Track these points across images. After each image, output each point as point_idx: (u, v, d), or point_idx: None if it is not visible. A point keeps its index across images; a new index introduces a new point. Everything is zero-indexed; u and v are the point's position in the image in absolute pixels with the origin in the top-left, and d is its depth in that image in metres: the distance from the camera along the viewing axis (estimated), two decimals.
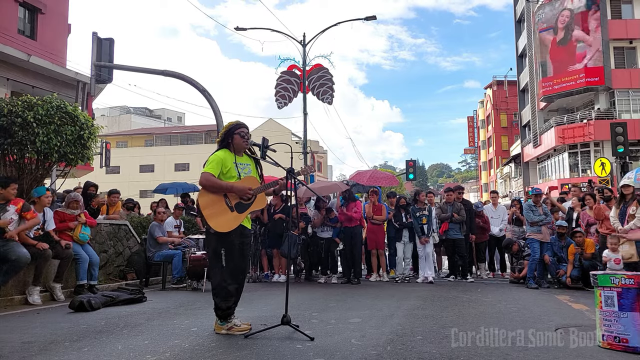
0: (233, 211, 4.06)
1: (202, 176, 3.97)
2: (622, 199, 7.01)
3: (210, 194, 3.99)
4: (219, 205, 4.00)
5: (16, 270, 5.51)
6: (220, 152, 4.13)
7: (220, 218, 3.98)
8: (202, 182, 3.98)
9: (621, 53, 28.16)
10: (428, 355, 3.40)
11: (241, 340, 3.79)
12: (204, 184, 3.98)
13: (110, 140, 32.82)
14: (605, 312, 3.69)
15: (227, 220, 4.02)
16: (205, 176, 3.97)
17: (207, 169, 4.00)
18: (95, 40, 12.81)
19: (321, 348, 3.57)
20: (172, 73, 13.65)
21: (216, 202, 4.00)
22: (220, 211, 4.00)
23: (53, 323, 4.61)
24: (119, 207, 9.38)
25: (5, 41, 14.45)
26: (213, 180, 3.99)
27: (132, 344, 3.74)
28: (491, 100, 48.20)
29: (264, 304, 5.76)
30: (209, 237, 4.09)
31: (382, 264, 8.94)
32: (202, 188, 4.00)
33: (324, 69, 20.42)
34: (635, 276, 3.64)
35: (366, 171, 12.81)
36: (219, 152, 4.14)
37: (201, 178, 3.97)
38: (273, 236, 8.64)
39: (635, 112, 27.30)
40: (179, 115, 65.96)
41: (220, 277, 4.01)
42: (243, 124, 4.25)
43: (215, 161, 4.04)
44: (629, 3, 28.61)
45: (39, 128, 6.31)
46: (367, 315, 4.97)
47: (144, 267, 7.91)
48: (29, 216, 5.75)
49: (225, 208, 4.02)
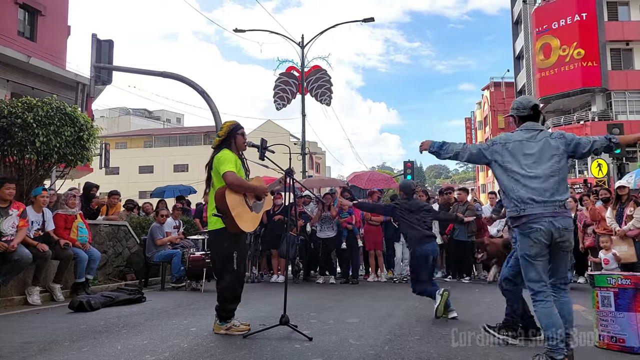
0: (252, 211, 4.07)
1: (230, 175, 3.85)
2: (618, 200, 7.06)
3: (234, 194, 3.92)
4: (242, 205, 3.98)
5: (17, 270, 5.53)
6: (227, 151, 4.06)
7: (245, 218, 3.98)
8: (232, 181, 3.86)
9: (618, 54, 28.27)
10: (426, 355, 3.43)
11: (240, 341, 3.81)
12: (234, 183, 3.87)
13: (110, 142, 32.87)
14: (602, 313, 3.71)
15: (250, 220, 4.04)
16: (233, 175, 3.86)
17: (229, 168, 3.88)
18: (95, 42, 12.84)
19: (319, 348, 3.59)
20: (171, 75, 13.69)
21: (240, 202, 3.96)
22: (244, 211, 3.99)
23: (53, 323, 4.62)
24: (119, 208, 9.40)
25: (5, 43, 14.46)
26: (241, 180, 3.95)
27: (132, 344, 3.75)
28: (488, 101, 48.24)
29: (262, 304, 5.78)
30: (220, 239, 4.00)
31: (380, 265, 8.97)
32: (229, 187, 3.88)
33: (322, 70, 20.47)
34: (632, 276, 3.67)
35: (363, 173, 12.82)
36: (227, 151, 4.06)
37: (229, 177, 3.85)
38: (272, 237, 8.66)
39: (631, 113, 27.40)
40: (178, 116, 65.89)
41: (231, 280, 3.99)
42: (240, 124, 4.27)
43: (232, 161, 3.97)
44: (626, 5, 28.75)
45: (38, 129, 6.32)
46: (365, 316, 4.99)
47: (143, 267, 7.93)
48: (20, 224, 5.69)
49: (246, 208, 4.02)
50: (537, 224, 3.09)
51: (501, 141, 3.35)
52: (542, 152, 3.21)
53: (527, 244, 3.14)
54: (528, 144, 3.25)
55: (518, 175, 3.20)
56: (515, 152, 3.26)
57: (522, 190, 3.16)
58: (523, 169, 3.20)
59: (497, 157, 3.32)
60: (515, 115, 3.46)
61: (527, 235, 3.13)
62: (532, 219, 3.11)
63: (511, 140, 3.31)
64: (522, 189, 3.17)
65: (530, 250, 3.13)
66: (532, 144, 3.25)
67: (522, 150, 3.25)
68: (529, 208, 3.12)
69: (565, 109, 30.97)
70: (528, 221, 3.12)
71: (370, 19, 19.75)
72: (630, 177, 13.33)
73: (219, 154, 4.04)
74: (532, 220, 3.11)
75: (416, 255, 5.15)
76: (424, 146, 3.68)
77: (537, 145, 3.24)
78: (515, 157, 3.25)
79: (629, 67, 28.10)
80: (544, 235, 3.08)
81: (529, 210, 3.12)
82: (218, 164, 3.97)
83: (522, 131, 3.34)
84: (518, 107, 3.44)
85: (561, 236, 3.10)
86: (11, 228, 5.59)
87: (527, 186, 3.16)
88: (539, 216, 3.10)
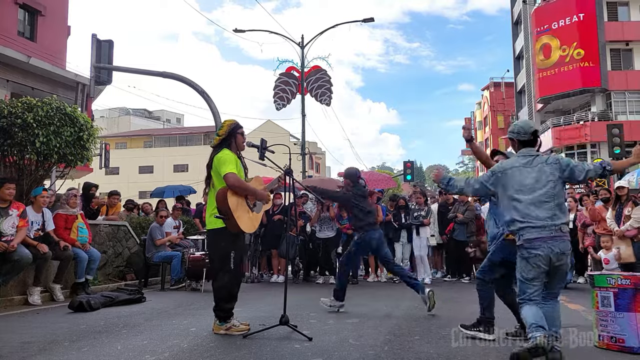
0: (253, 211, 4.11)
1: (232, 177, 3.86)
2: (617, 200, 7.07)
3: (236, 195, 3.94)
4: (243, 206, 4.01)
5: (17, 270, 5.54)
6: (227, 151, 4.06)
7: (246, 219, 4.01)
8: (234, 182, 3.87)
9: (617, 55, 28.26)
10: (425, 355, 3.44)
11: (240, 341, 3.82)
12: (236, 184, 3.89)
13: (110, 142, 32.88)
14: (602, 313, 3.71)
15: (251, 221, 4.08)
16: (234, 177, 3.88)
17: (230, 170, 3.89)
18: (95, 42, 12.83)
19: (319, 348, 3.60)
20: (171, 75, 13.69)
21: (241, 203, 3.99)
22: (245, 212, 4.02)
23: (53, 323, 4.63)
24: (119, 208, 9.40)
25: (5, 43, 14.46)
26: (242, 182, 3.97)
27: (131, 344, 3.76)
28: (488, 101, 48.28)
29: (262, 304, 5.78)
30: (218, 238, 4.02)
31: (380, 265, 8.97)
32: (231, 189, 3.90)
33: (322, 70, 20.47)
34: (632, 277, 3.68)
35: (364, 173, 12.82)
36: (228, 151, 4.06)
37: (231, 179, 3.86)
38: (271, 237, 8.66)
39: (631, 113, 27.40)
40: (178, 116, 65.87)
41: (228, 279, 4.01)
42: (240, 123, 4.27)
43: (233, 161, 3.97)
44: (626, 5, 28.74)
45: (38, 129, 6.32)
46: (364, 316, 5.00)
47: (143, 267, 7.93)
48: (20, 224, 5.69)
49: (247, 209, 4.06)
50: (537, 249, 3.19)
51: (500, 170, 3.46)
52: (539, 179, 3.32)
53: (526, 267, 3.24)
54: (525, 169, 3.36)
55: (516, 202, 3.31)
56: (514, 178, 3.37)
57: (521, 215, 3.27)
58: (521, 195, 3.31)
59: (499, 187, 3.44)
60: (514, 138, 3.51)
61: (527, 259, 3.23)
62: (531, 244, 3.21)
63: (509, 167, 3.42)
64: (521, 214, 3.27)
65: (528, 274, 3.24)
66: (529, 169, 3.35)
67: (520, 177, 3.35)
68: (527, 233, 3.23)
69: (565, 109, 30.96)
70: (528, 246, 3.22)
71: (370, 19, 19.75)
72: (632, 176, 13.34)
73: (219, 154, 4.03)
74: (531, 245, 3.20)
75: (365, 240, 5.40)
76: (437, 177, 3.79)
77: (533, 172, 3.34)
78: (514, 183, 3.36)
79: (628, 68, 28.09)
80: (543, 260, 3.18)
81: (527, 235, 3.22)
82: (219, 165, 3.96)
83: (520, 157, 3.44)
84: (519, 132, 3.49)
85: (559, 260, 3.21)
86: (11, 228, 5.59)
87: (525, 212, 3.26)
88: (537, 241, 3.19)
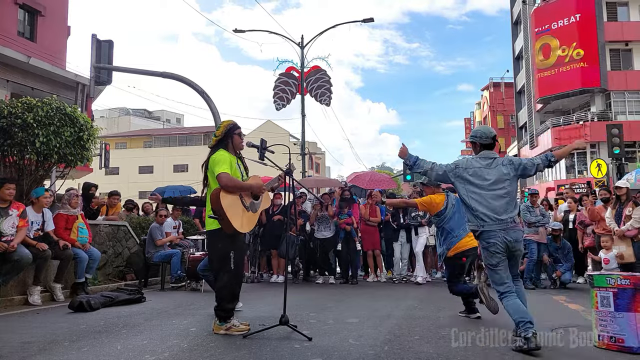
0: (249, 211, 4.09)
1: (224, 177, 3.88)
2: (617, 200, 7.08)
3: (230, 195, 3.95)
4: (237, 205, 3.99)
5: (17, 270, 5.54)
6: (223, 152, 4.07)
7: (241, 218, 4.00)
8: (226, 182, 3.88)
9: (617, 55, 28.28)
10: (425, 355, 3.44)
11: (240, 341, 3.82)
12: (228, 184, 3.90)
13: (110, 142, 32.87)
14: (601, 313, 3.72)
15: (247, 220, 4.06)
16: (227, 177, 3.89)
17: (224, 170, 3.91)
18: (95, 42, 12.83)
19: (319, 348, 3.60)
20: (171, 75, 13.69)
21: (235, 202, 3.98)
22: (240, 212, 4.00)
23: (53, 323, 4.63)
24: (119, 208, 9.40)
25: (5, 43, 14.46)
26: (235, 181, 3.96)
27: (131, 344, 3.76)
28: (488, 101, 48.27)
29: (262, 304, 5.79)
30: (217, 239, 4.02)
31: (380, 265, 8.98)
32: (224, 189, 3.91)
33: (321, 70, 20.46)
34: (631, 277, 3.68)
35: (364, 174, 12.84)
36: (223, 152, 4.07)
37: (223, 179, 3.88)
38: (271, 237, 8.66)
39: (631, 113, 27.42)
40: (177, 116, 65.86)
41: (228, 279, 4.01)
42: (237, 124, 4.27)
43: (227, 162, 3.98)
44: (625, 5, 28.77)
45: (38, 129, 6.32)
46: (364, 316, 5.00)
47: (143, 267, 7.93)
48: (20, 224, 5.69)
49: (242, 208, 4.04)
50: (494, 238, 3.71)
51: (463, 166, 3.92)
52: (497, 178, 3.80)
53: (489, 255, 3.75)
54: (486, 170, 3.83)
55: (478, 196, 3.78)
56: (475, 177, 3.83)
57: (481, 209, 3.75)
58: (481, 191, 3.78)
59: (459, 180, 3.90)
60: (477, 142, 3.97)
61: (487, 248, 3.75)
62: (490, 234, 3.72)
63: (471, 167, 3.88)
64: (481, 208, 3.75)
65: (491, 260, 3.75)
66: (489, 170, 3.83)
67: (480, 176, 3.82)
68: (486, 225, 3.73)
69: (564, 109, 30.99)
70: (487, 237, 3.73)
71: (369, 20, 19.75)
72: (631, 175, 13.37)
73: (214, 154, 4.06)
74: (490, 235, 3.72)
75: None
76: (402, 154, 4.18)
77: (492, 172, 3.82)
78: (475, 181, 3.82)
79: (628, 68, 28.11)
80: (500, 247, 3.70)
81: (487, 227, 3.73)
82: (213, 165, 3.99)
83: (481, 159, 3.90)
84: (481, 136, 3.96)
85: (513, 247, 3.75)
86: (11, 228, 5.59)
87: (485, 206, 3.74)
88: (494, 231, 3.70)
